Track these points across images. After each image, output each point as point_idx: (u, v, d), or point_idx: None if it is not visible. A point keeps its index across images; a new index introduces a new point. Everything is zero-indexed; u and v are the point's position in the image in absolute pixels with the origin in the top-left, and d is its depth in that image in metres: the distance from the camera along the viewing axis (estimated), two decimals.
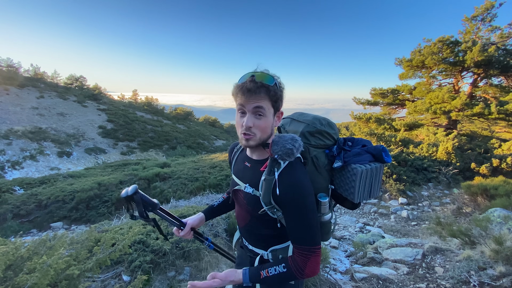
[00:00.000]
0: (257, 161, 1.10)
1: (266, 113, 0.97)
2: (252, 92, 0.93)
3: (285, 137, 0.99)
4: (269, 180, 0.99)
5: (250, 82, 0.93)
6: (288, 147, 0.97)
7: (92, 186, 7.53)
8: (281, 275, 0.99)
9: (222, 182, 8.09)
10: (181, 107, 36.95)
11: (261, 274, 1.00)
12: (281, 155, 0.97)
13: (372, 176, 1.13)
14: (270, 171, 0.99)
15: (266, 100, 0.96)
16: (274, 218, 1.06)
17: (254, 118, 0.96)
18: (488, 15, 11.70)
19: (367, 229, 5.31)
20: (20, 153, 14.93)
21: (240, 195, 1.15)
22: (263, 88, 0.94)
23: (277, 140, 1.00)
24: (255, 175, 1.07)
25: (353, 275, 2.96)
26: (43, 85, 26.18)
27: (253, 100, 0.94)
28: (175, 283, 2.43)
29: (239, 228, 1.28)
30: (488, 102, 11.20)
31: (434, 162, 9.03)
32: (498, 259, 2.71)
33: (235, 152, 1.28)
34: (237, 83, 0.98)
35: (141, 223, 2.95)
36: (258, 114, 0.96)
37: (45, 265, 1.45)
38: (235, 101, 1.02)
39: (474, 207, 5.79)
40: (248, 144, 1.00)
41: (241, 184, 1.12)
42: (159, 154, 20.65)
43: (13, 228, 5.74)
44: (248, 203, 1.10)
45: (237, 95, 0.97)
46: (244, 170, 1.14)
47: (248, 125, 0.95)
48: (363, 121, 13.45)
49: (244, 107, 0.97)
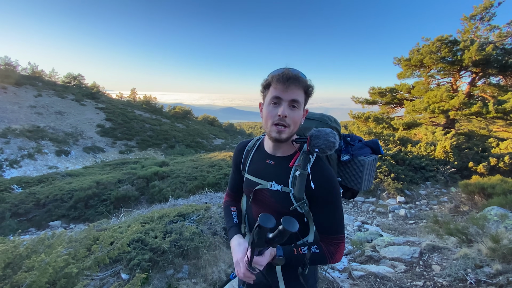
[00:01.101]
0: (282, 157, 1.10)
1: (300, 106, 0.98)
2: (292, 80, 0.94)
3: (325, 131, 1.02)
4: (303, 175, 0.99)
5: (290, 72, 0.95)
6: (331, 140, 0.99)
7: (90, 185, 7.52)
8: (314, 256, 1.01)
9: (220, 181, 8.09)
10: (179, 106, 36.87)
11: (294, 251, 1.01)
12: (324, 148, 0.99)
13: (373, 166, 1.25)
14: (305, 166, 1.00)
15: (301, 92, 0.97)
16: (301, 214, 1.06)
17: (289, 109, 0.96)
18: (487, 14, 11.73)
19: (365, 228, 5.34)
20: (18, 151, 14.87)
21: (265, 194, 1.12)
22: (301, 79, 0.96)
23: (317, 134, 1.01)
24: (282, 172, 1.07)
25: (351, 273, 2.98)
26: (41, 83, 26.06)
27: (292, 88, 0.95)
28: (174, 281, 2.44)
29: None
30: (486, 101, 11.24)
31: (432, 161, 9.07)
32: (494, 257, 2.73)
33: (247, 151, 1.24)
34: (273, 74, 0.98)
35: (140, 221, 2.95)
36: (293, 106, 0.97)
37: (43, 263, 1.45)
38: (264, 95, 1.03)
39: (471, 206, 5.83)
40: (280, 136, 0.98)
41: (265, 183, 1.10)
42: (157, 153, 20.62)
43: (12, 226, 5.73)
44: (277, 201, 1.08)
45: (275, 83, 0.96)
46: (266, 169, 1.12)
47: (285, 114, 0.95)
48: (361, 120, 13.48)
49: (280, 98, 0.96)
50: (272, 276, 1.16)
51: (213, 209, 3.54)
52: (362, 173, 1.18)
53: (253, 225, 1.24)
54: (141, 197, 7.88)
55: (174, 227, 2.87)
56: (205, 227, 3.13)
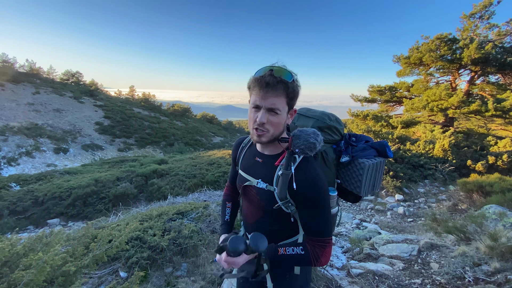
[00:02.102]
0: (269, 156, 1.09)
1: (281, 111, 0.96)
2: (270, 87, 0.91)
3: (307, 131, 0.99)
4: (286, 175, 0.98)
5: (269, 76, 0.91)
6: (311, 141, 0.97)
7: (89, 183, 7.50)
8: (298, 257, 0.99)
9: (219, 179, 8.09)
10: (178, 104, 36.76)
11: (279, 251, 1.00)
12: (303, 149, 0.97)
13: (377, 170, 1.19)
14: (288, 166, 0.99)
15: (282, 97, 0.94)
16: (288, 213, 1.06)
17: (268, 115, 0.95)
18: (486, 12, 11.70)
19: (364, 226, 5.35)
20: (16, 149, 14.80)
21: (252, 191, 1.13)
22: (282, 84, 0.92)
23: (298, 134, 0.99)
24: (268, 170, 1.07)
25: (350, 271, 2.99)
26: (39, 80, 25.88)
27: (269, 96, 0.92)
28: (172, 279, 2.43)
29: (247, 224, 1.25)
30: (485, 99, 11.26)
31: (430, 159, 9.09)
32: (493, 255, 2.74)
33: (242, 147, 1.25)
34: (254, 76, 0.96)
35: (138, 219, 2.94)
36: (272, 112, 0.95)
37: (41, 262, 1.44)
38: (249, 94, 1.00)
39: (469, 204, 5.85)
40: (260, 140, 0.99)
41: (252, 180, 1.11)
42: (156, 151, 20.58)
43: (10, 224, 5.72)
44: (262, 198, 1.08)
45: (254, 88, 0.95)
46: (255, 166, 1.13)
47: (262, 121, 0.94)
48: (360, 118, 13.48)
49: (259, 104, 0.94)
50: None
51: (212, 207, 3.54)
52: (362, 177, 1.14)
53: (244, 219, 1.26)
54: (139, 195, 7.87)
55: (173, 225, 2.87)
56: (204, 225, 3.13)
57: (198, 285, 2.38)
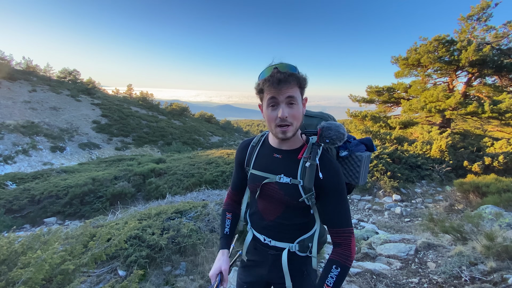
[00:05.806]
0: (289, 151, 1.12)
1: (298, 101, 1.00)
2: (283, 82, 0.95)
3: (335, 124, 1.06)
4: (313, 165, 1.03)
5: (278, 73, 0.95)
6: (341, 131, 1.04)
7: (86, 182, 7.46)
8: (339, 276, 1.00)
9: (218, 178, 8.08)
10: (176, 103, 36.64)
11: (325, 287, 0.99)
12: (334, 139, 1.04)
13: (368, 162, 1.31)
14: (314, 157, 1.04)
15: (296, 87, 0.98)
16: (307, 206, 1.10)
17: (288, 108, 0.98)
18: (483, 14, 11.80)
19: (362, 225, 5.38)
20: (12, 147, 14.68)
21: (273, 188, 1.13)
22: (292, 77, 0.96)
23: (327, 126, 1.05)
24: (291, 164, 1.10)
25: None
26: (36, 78, 25.67)
27: (285, 90, 0.96)
28: (171, 278, 2.43)
29: (265, 222, 1.21)
30: (481, 101, 11.34)
31: (427, 160, 9.15)
32: (489, 255, 2.77)
33: (252, 147, 1.25)
34: (263, 78, 0.99)
35: (137, 218, 2.94)
36: (290, 103, 0.98)
37: (39, 260, 1.43)
38: (261, 97, 1.04)
39: (466, 204, 5.89)
40: (285, 136, 1.01)
41: (272, 177, 1.12)
42: (154, 150, 20.52)
43: (6, 223, 5.67)
44: (286, 193, 1.10)
45: (268, 89, 0.98)
46: (273, 163, 1.14)
47: (284, 115, 0.97)
48: (358, 119, 13.52)
49: (276, 99, 0.97)
50: (276, 272, 1.18)
51: (210, 206, 3.53)
52: (360, 168, 1.23)
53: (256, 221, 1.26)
54: (137, 194, 7.85)
55: (172, 224, 2.86)
56: (203, 224, 3.13)
57: (196, 283, 2.38)
